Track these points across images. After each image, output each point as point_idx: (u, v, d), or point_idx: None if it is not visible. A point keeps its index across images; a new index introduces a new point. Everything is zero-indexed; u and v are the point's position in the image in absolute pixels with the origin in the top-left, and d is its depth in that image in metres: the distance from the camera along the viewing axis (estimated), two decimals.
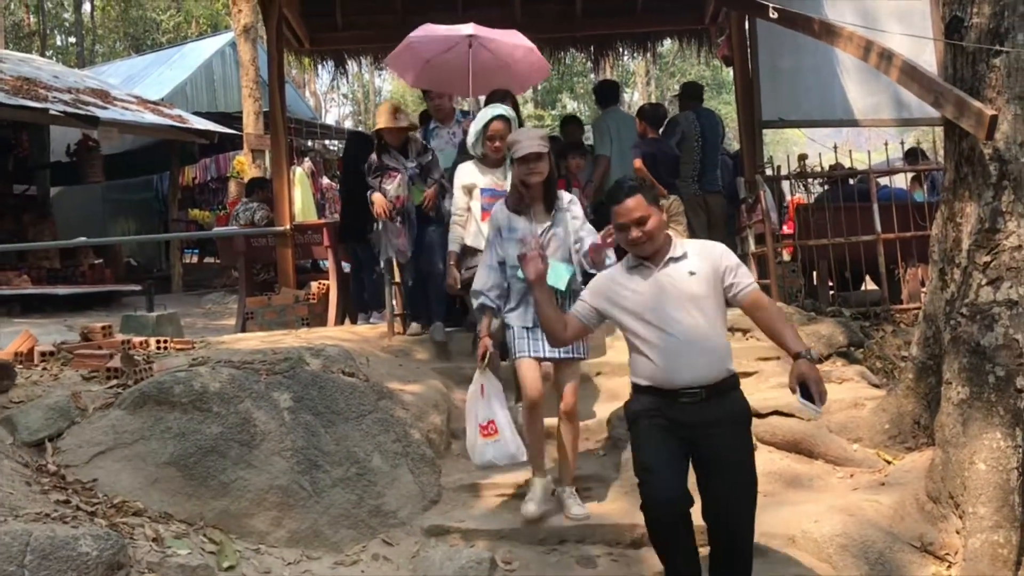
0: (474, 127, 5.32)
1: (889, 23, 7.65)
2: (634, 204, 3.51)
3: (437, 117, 7.44)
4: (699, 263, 3.52)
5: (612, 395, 5.70)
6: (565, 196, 4.60)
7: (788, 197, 8.55)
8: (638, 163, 7.22)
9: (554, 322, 3.70)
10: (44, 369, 5.40)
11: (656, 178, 7.19)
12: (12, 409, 4.61)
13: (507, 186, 4.90)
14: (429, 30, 7.21)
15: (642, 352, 3.52)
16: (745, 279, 3.54)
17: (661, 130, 7.92)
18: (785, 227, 9.31)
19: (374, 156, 6.62)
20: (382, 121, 6.58)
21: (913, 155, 9.24)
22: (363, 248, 7.41)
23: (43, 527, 3.36)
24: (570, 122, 9.31)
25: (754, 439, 4.99)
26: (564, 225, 4.49)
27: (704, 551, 3.63)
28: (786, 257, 9.08)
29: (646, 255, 3.54)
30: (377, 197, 6.45)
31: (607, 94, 9.22)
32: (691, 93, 8.38)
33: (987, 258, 4.25)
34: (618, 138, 8.41)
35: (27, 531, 3.28)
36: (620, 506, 4.52)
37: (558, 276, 4.31)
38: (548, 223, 4.47)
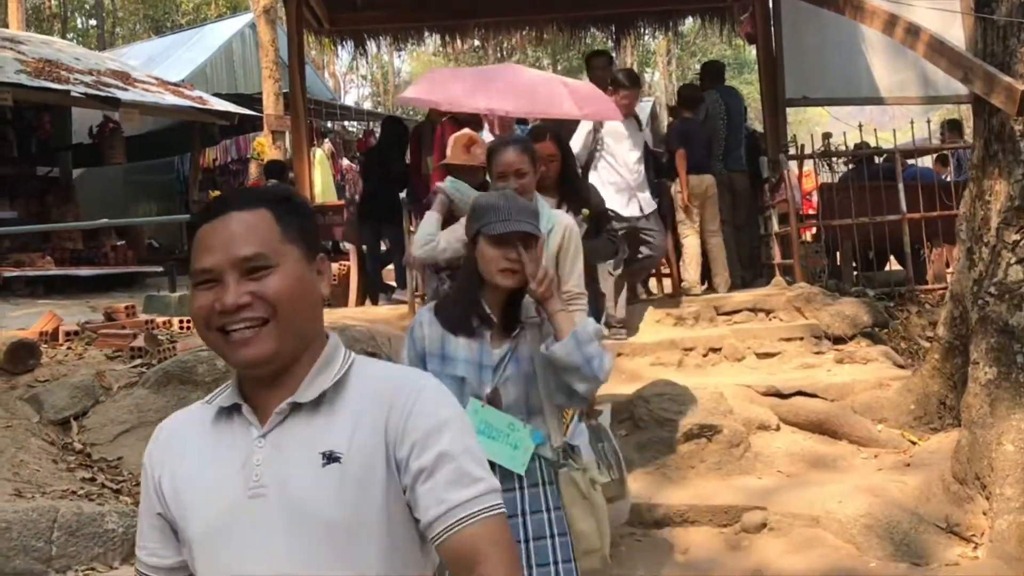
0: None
1: None
2: (241, 227, 1.40)
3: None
4: (357, 433, 1.40)
5: (633, 376, 5.68)
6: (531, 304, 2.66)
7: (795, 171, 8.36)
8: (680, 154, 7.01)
9: None
10: (69, 348, 5.45)
11: (691, 156, 7.04)
12: (38, 388, 4.66)
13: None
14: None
15: None
16: (478, 489, 1.38)
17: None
18: None
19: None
20: (455, 157, 4.82)
21: (952, 127, 9.12)
22: (392, 230, 7.37)
23: (70, 504, 3.40)
24: (598, 55, 7.87)
25: (777, 420, 5.00)
26: (529, 348, 2.62)
27: None
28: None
29: (256, 371, 1.42)
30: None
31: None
32: (713, 72, 8.28)
33: (1016, 236, 4.18)
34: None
35: (54, 508, 3.32)
36: (640, 486, 4.51)
37: (514, 449, 2.52)
38: (506, 348, 2.60)
